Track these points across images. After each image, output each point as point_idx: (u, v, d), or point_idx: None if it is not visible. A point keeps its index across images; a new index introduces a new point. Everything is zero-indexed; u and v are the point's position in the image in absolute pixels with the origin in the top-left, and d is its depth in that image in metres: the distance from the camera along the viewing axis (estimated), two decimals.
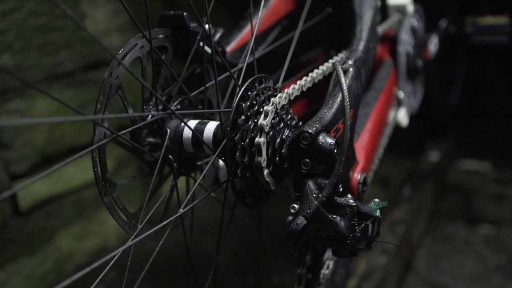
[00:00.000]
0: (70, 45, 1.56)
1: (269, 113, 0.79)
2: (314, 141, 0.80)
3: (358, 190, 0.99)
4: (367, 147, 1.07)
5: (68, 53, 1.56)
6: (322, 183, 0.81)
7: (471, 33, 1.85)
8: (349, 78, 0.93)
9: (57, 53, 1.53)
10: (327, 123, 0.84)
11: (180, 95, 0.91)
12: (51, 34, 1.50)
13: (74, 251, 1.64)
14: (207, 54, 0.95)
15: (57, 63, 1.53)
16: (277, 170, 0.82)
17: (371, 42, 1.02)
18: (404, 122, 1.38)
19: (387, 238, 1.72)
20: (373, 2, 1.09)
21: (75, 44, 1.57)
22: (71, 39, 1.56)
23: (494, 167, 2.21)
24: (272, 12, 1.16)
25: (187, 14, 0.91)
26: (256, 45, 1.14)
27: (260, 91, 0.83)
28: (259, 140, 0.78)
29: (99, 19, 1.65)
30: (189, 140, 0.88)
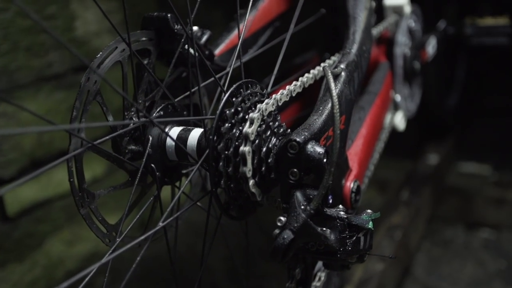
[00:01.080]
0: (60, 46, 1.51)
1: (254, 120, 0.75)
2: (302, 150, 0.75)
3: (350, 199, 0.95)
4: (361, 153, 1.02)
5: (58, 55, 1.51)
6: (310, 195, 0.76)
7: (470, 34, 1.80)
8: (340, 82, 0.89)
9: (46, 54, 1.48)
10: (316, 131, 0.79)
11: (164, 101, 0.87)
12: (40, 35, 1.46)
13: (64, 257, 1.59)
14: (193, 57, 0.90)
15: (46, 65, 1.49)
16: (264, 180, 0.78)
17: (365, 45, 0.97)
18: (401, 126, 1.33)
19: (384, 244, 1.67)
20: (367, 3, 1.04)
21: None
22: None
23: (494, 170, 2.16)
24: (263, 13, 1.12)
25: (171, 15, 0.86)
26: (246, 48, 1.09)
27: (246, 97, 0.78)
28: (244, 149, 0.74)
29: (90, 20, 1.60)
30: (172, 148, 0.83)
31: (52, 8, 1.49)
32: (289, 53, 1.51)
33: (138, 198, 0.87)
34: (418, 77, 1.38)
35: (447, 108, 2.21)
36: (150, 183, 0.88)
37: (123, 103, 0.82)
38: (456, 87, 2.30)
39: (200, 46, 0.92)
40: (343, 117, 0.88)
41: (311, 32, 1.38)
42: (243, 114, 0.76)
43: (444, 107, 2.16)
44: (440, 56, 1.77)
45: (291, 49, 1.54)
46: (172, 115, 0.86)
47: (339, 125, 0.70)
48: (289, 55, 1.50)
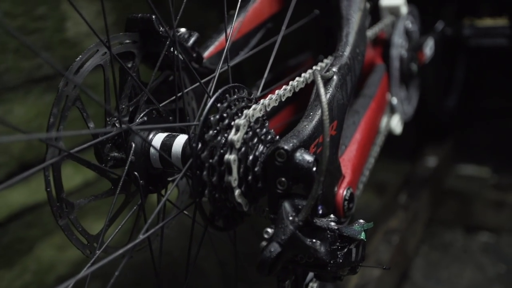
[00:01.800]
0: (50, 47, 1.48)
1: (240, 127, 0.71)
2: (290, 158, 0.71)
3: (343, 208, 0.91)
4: (355, 159, 0.98)
5: (48, 56, 1.47)
6: (299, 205, 0.72)
7: (468, 36, 1.76)
8: (332, 87, 0.85)
9: (36, 56, 1.44)
10: (306, 138, 0.76)
11: (149, 105, 0.83)
12: (29, 37, 1.42)
13: (55, 261, 1.55)
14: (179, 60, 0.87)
15: (36, 67, 1.45)
16: (250, 190, 0.74)
17: (359, 47, 0.93)
18: (398, 129, 1.29)
19: (381, 249, 1.63)
20: (361, 4, 1.00)
21: (56, 47, 1.49)
22: (51, 42, 1.48)
23: (494, 173, 2.12)
24: (255, 14, 1.08)
25: (155, 17, 0.82)
26: (237, 50, 1.05)
27: (232, 103, 0.74)
28: (229, 158, 0.70)
29: (81, 21, 1.56)
30: (156, 155, 0.79)
31: (42, 9, 1.45)
32: (286, 54, 1.48)
33: (122, 207, 0.83)
34: (415, 79, 1.34)
35: (446, 109, 2.17)
36: (134, 191, 0.84)
37: (105, 109, 0.78)
38: (455, 89, 2.25)
39: (187, 48, 0.88)
40: (334, 123, 0.84)
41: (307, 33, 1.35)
42: (229, 121, 0.72)
43: (442, 109, 2.12)
44: (438, 57, 1.73)
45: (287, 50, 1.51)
46: (156, 120, 0.82)
47: (328, 133, 0.66)
48: (285, 56, 1.47)
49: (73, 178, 1.57)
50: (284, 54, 1.50)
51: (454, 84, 2.25)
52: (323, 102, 0.68)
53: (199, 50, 0.93)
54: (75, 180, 1.57)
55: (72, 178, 1.57)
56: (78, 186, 1.58)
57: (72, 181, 1.57)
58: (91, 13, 1.58)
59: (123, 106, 0.80)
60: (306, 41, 1.33)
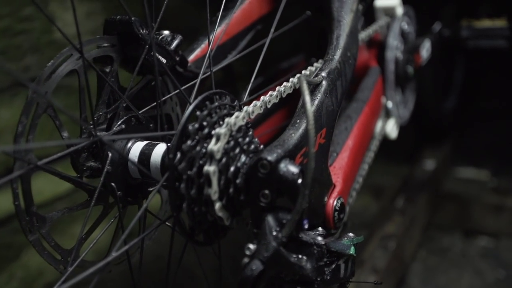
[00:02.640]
0: (38, 49, 1.43)
1: (221, 136, 0.66)
2: (274, 170, 0.67)
3: (333, 218, 0.86)
4: (347, 167, 0.93)
5: (36, 58, 1.43)
6: (283, 219, 0.67)
7: (466, 37, 1.71)
8: (321, 92, 0.80)
9: (23, 58, 1.40)
10: (291, 148, 0.71)
11: (128, 112, 0.78)
12: (16, 38, 1.37)
13: (43, 268, 1.51)
14: (160, 64, 0.82)
15: (23, 69, 1.40)
16: (232, 203, 0.69)
17: (350, 50, 0.88)
18: (393, 134, 1.24)
19: (377, 255, 1.58)
20: (353, 5, 0.95)
21: (43, 48, 1.44)
22: (39, 43, 1.43)
23: (493, 176, 2.07)
24: (244, 16, 1.03)
25: (135, 19, 0.78)
26: (224, 53, 1.00)
27: (213, 110, 0.70)
28: (208, 169, 0.65)
29: (70, 22, 1.51)
30: None
31: (29, 10, 1.40)
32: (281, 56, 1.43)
33: (100, 219, 0.78)
34: (411, 82, 1.29)
35: (445, 111, 2.12)
36: (113, 202, 0.79)
37: (80, 116, 0.74)
38: (454, 90, 2.20)
39: (169, 52, 0.83)
40: (323, 130, 0.79)
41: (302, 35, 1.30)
42: (209, 130, 0.68)
43: (441, 111, 2.07)
44: (436, 58, 1.68)
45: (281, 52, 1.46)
46: (136, 128, 0.78)
47: (314, 143, 0.62)
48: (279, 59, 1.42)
49: (58, 186, 1.52)
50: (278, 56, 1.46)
51: (453, 86, 2.20)
52: (308, 111, 0.63)
53: (183, 53, 0.88)
54: (62, 186, 1.53)
55: (58, 186, 1.52)
56: (58, 196, 1.53)
57: (63, 186, 1.53)
58: (81, 13, 1.54)
59: (100, 113, 0.76)
60: (301, 43, 1.29)
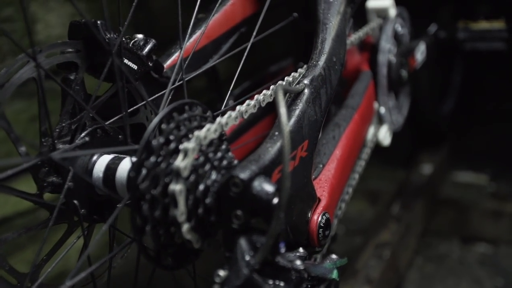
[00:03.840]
0: (19, 51, 1.36)
1: (189, 152, 0.59)
2: (247, 189, 0.60)
3: (318, 236, 0.79)
4: (333, 179, 0.87)
5: None
6: (257, 242, 0.61)
7: (463, 39, 1.64)
8: (302, 101, 0.73)
9: (3, 60, 1.33)
10: (268, 163, 0.64)
11: (95, 123, 0.72)
12: None
13: None
14: (132, 70, 0.76)
15: None
16: (202, 224, 0.62)
17: (336, 55, 0.82)
18: (386, 141, 1.18)
19: (371, 264, 1.52)
20: (341, 6, 0.88)
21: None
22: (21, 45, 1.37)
23: (492, 180, 2.00)
24: (226, 17, 0.96)
25: (101, 22, 0.71)
26: (205, 57, 0.94)
27: (182, 122, 0.63)
28: (174, 188, 0.58)
29: (53, 23, 1.45)
30: (99, 180, 0.68)
31: (9, 11, 1.34)
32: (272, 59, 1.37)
33: (63, 239, 0.72)
34: (405, 86, 1.23)
35: (442, 114, 2.05)
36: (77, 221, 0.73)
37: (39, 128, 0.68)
38: (452, 92, 2.13)
39: (141, 57, 0.77)
40: (305, 143, 0.73)
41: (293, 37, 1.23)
42: (176, 144, 0.61)
43: (438, 114, 2.00)
44: (433, 61, 1.61)
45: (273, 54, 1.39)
46: (101, 140, 0.71)
47: (288, 161, 0.55)
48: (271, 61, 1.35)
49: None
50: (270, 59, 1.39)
51: (451, 88, 2.13)
52: (283, 124, 0.56)
53: (158, 58, 0.82)
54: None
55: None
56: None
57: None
58: (64, 15, 1.47)
59: (63, 125, 0.69)
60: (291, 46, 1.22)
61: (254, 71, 1.31)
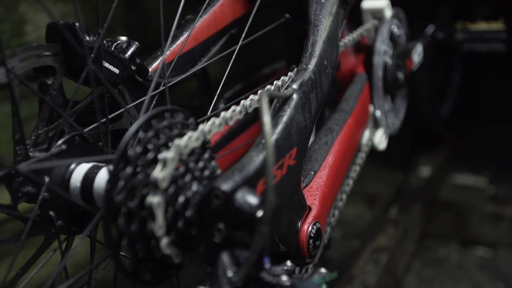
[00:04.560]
0: None
1: (168, 162, 0.56)
2: (229, 201, 0.56)
3: (308, 247, 0.75)
4: (325, 187, 0.83)
5: None
6: (240, 257, 0.57)
7: (461, 40, 1.60)
8: (291, 107, 0.69)
9: None
10: (252, 173, 0.61)
11: (73, 129, 0.68)
12: None
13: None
14: (114, 74, 0.72)
15: None
16: (182, 238, 0.59)
17: (327, 58, 0.78)
18: (381, 145, 1.14)
19: (368, 269, 1.48)
20: (333, 7, 0.84)
21: None
22: (9, 47, 1.33)
23: (491, 183, 1.96)
24: (216, 19, 0.93)
25: (80, 24, 0.68)
26: (193, 59, 0.90)
27: (161, 131, 0.59)
28: (152, 201, 0.55)
29: (43, 25, 1.41)
30: (77, 190, 0.65)
31: None
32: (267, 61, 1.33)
33: (40, 251, 0.68)
34: (402, 88, 1.19)
35: (441, 116, 2.01)
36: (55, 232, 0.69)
37: (13, 136, 0.64)
38: (451, 94, 2.09)
39: (123, 60, 0.73)
40: (293, 150, 0.69)
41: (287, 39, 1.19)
42: (154, 154, 0.57)
43: (437, 115, 1.96)
44: (432, 61, 1.57)
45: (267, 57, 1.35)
46: (79, 148, 0.67)
47: (272, 173, 0.51)
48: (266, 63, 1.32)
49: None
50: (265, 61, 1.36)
51: (450, 89, 2.09)
52: (267, 134, 0.52)
53: (142, 61, 0.78)
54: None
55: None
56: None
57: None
58: (56, 15, 1.44)
59: (39, 132, 0.66)
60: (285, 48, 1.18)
61: (249, 73, 1.27)
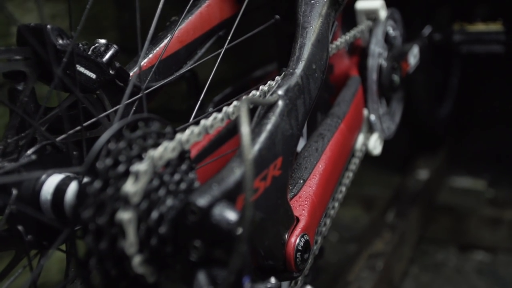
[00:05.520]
0: None
1: (140, 174, 0.52)
2: (205, 217, 0.52)
3: (295, 260, 0.71)
4: (315, 196, 0.79)
5: None
6: (218, 277, 0.53)
7: (459, 42, 1.55)
8: (276, 115, 0.65)
9: None
10: (232, 186, 0.56)
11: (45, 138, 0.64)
12: None
13: None
14: (89, 80, 0.68)
15: None
16: (157, 256, 0.55)
17: (316, 62, 0.74)
18: (376, 150, 1.09)
19: (364, 275, 1.44)
20: (324, 9, 0.80)
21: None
22: None
23: (490, 186, 1.92)
24: (202, 20, 0.88)
25: (52, 27, 0.63)
26: (178, 62, 0.86)
27: (135, 141, 0.55)
28: (122, 217, 0.51)
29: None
30: (48, 204, 0.60)
31: None
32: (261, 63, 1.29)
33: (9, 267, 0.64)
34: (398, 91, 1.14)
35: (439, 118, 1.96)
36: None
37: None
38: (449, 95, 2.05)
39: (99, 64, 0.69)
40: (278, 160, 0.65)
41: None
42: (126, 166, 0.53)
43: (435, 117, 1.91)
44: (429, 63, 1.53)
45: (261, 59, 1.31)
46: (51, 157, 0.63)
47: (251, 188, 0.47)
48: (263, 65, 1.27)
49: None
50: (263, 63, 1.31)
51: (448, 91, 2.04)
52: (245, 146, 0.48)
53: (121, 65, 0.74)
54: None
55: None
56: None
57: None
58: (45, 16, 1.39)
59: (9, 141, 0.62)
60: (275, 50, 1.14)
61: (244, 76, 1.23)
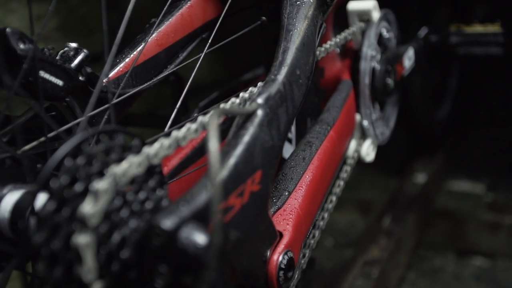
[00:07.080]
0: None
1: (100, 194, 0.46)
2: (172, 240, 0.47)
3: (278, 279, 0.66)
4: (301, 209, 0.73)
5: None
6: None
7: (456, 43, 1.50)
8: (254, 125, 0.60)
9: None
10: (203, 205, 0.51)
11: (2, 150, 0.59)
12: None
13: None
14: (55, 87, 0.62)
15: None
16: (119, 282, 0.49)
17: (300, 68, 0.68)
18: (369, 157, 1.04)
19: (359, 283, 1.39)
20: (310, 10, 0.74)
21: None
22: None
23: (489, 190, 1.86)
24: (183, 22, 0.83)
25: (12, 30, 0.58)
26: (158, 66, 0.81)
27: (95, 155, 0.50)
28: (78, 241, 0.45)
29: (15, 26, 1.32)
30: (5, 222, 0.55)
31: None
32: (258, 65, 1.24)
33: None
34: (392, 95, 1.09)
35: (437, 120, 1.91)
36: None
37: None
38: (448, 97, 1.99)
39: (67, 70, 0.64)
40: (257, 174, 0.59)
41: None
42: (85, 184, 0.48)
43: (433, 120, 1.86)
44: (426, 65, 1.47)
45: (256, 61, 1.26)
46: (11, 172, 0.58)
47: (218, 213, 0.42)
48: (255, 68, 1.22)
49: None
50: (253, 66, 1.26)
51: (447, 93, 1.98)
52: (213, 164, 0.43)
53: (93, 71, 0.69)
54: None
55: None
56: None
57: None
58: (27, 17, 1.34)
59: None
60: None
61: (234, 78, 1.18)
